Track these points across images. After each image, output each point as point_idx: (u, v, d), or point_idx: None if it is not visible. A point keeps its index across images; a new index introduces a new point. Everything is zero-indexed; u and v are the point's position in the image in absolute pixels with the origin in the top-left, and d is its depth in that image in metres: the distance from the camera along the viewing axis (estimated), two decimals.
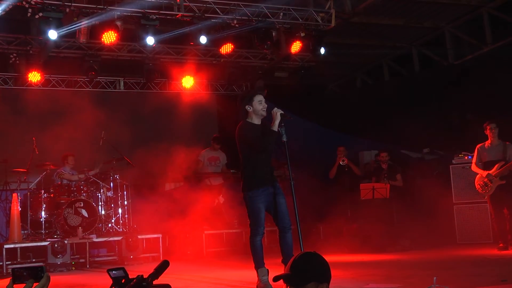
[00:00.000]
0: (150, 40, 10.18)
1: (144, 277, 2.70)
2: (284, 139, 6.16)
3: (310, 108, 12.23)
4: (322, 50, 11.35)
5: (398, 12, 12.02)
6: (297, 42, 11.17)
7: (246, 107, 6.38)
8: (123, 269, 2.73)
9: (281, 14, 10.96)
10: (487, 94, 10.86)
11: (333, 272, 2.91)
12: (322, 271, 2.85)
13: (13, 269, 2.45)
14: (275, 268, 5.38)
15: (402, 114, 11.97)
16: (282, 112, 6.16)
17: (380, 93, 13.89)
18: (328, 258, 2.98)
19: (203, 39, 10.41)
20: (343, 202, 11.18)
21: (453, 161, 10.88)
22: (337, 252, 9.63)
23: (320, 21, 11.27)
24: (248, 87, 14.29)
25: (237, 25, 10.69)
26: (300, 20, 11.10)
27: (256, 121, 6.37)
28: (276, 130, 6.13)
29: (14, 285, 2.43)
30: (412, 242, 10.45)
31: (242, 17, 10.67)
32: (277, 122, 6.13)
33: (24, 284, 2.43)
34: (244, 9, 10.60)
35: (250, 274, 8.01)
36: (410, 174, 11.56)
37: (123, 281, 2.69)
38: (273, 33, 11.03)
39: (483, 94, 10.91)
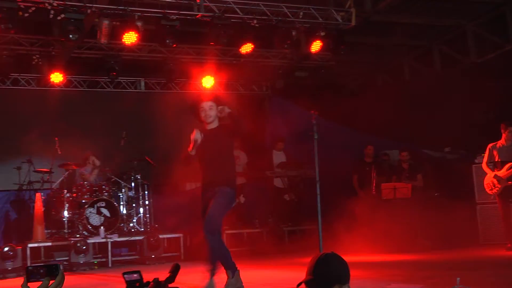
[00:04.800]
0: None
1: (160, 280, 2.71)
2: (316, 137, 6.13)
3: (330, 107, 12.14)
4: (342, 50, 11.29)
5: (419, 10, 11.92)
6: (317, 41, 11.13)
7: None
8: (138, 272, 2.73)
9: (301, 13, 10.93)
10: (510, 93, 10.73)
11: (354, 272, 2.89)
12: (343, 272, 2.84)
13: (27, 267, 2.46)
14: (297, 268, 5.37)
15: (423, 113, 11.87)
16: (199, 134, 6.11)
17: (400, 92, 13.78)
18: (348, 258, 2.96)
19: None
20: (364, 202, 11.12)
21: (476, 160, 10.76)
22: (357, 252, 9.58)
23: (340, 20, 11.22)
24: (268, 87, 14.30)
25: (257, 25, 10.69)
26: (320, 19, 11.06)
27: (208, 126, 6.34)
28: (192, 153, 6.11)
29: (29, 284, 2.45)
30: (434, 242, 10.35)
31: (262, 17, 10.67)
32: (194, 146, 6.09)
33: (39, 283, 2.44)
34: (264, 9, 10.60)
35: (270, 275, 8.00)
36: (432, 173, 11.46)
37: (137, 285, 2.69)
38: (293, 33, 11.01)
39: (505, 93, 10.78)
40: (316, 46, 11.18)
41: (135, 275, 2.71)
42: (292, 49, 11.47)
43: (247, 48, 11.15)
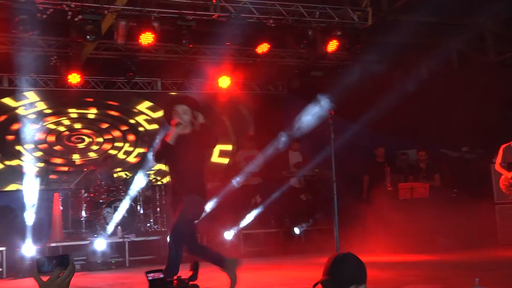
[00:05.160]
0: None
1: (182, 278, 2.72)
2: (332, 136, 6.06)
3: (347, 107, 12.09)
4: (359, 49, 11.25)
5: (437, 8, 11.82)
6: (334, 41, 11.10)
7: None
8: (161, 271, 2.74)
9: (317, 13, 10.91)
10: None
11: (371, 272, 2.88)
12: (359, 272, 2.82)
13: (37, 259, 2.46)
14: (313, 268, 5.35)
15: (440, 112, 11.78)
16: (181, 122, 5.79)
17: (417, 92, 13.69)
18: (365, 258, 2.95)
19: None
20: (381, 202, 11.06)
21: (493, 160, 10.66)
22: (374, 252, 9.53)
23: (357, 20, 11.18)
24: (284, 87, 14.29)
25: (273, 25, 10.69)
26: (336, 18, 11.03)
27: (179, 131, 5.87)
28: (172, 142, 5.76)
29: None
30: (452, 242, 10.27)
31: (278, 17, 10.66)
32: (173, 134, 5.77)
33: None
34: (280, 9, 10.59)
35: (287, 275, 8.00)
36: (450, 173, 11.37)
37: (159, 283, 2.71)
38: (309, 32, 10.98)
39: None
40: (332, 45, 11.15)
41: (158, 273, 2.72)
42: (308, 48, 11.44)
43: (263, 48, 11.15)
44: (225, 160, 13.76)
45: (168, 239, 5.85)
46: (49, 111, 12.74)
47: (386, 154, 11.97)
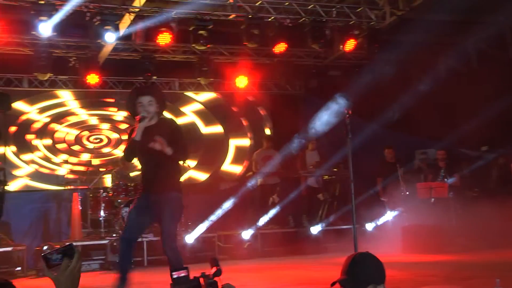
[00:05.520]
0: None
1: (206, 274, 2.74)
2: (349, 136, 6.01)
3: (365, 106, 12.04)
4: (376, 48, 11.20)
5: (455, 7, 11.72)
6: (351, 40, 11.07)
7: None
8: (186, 268, 2.76)
9: (335, 12, 10.88)
10: None
11: (390, 273, 2.86)
12: (378, 272, 2.81)
13: (43, 255, 2.48)
14: (331, 268, 5.34)
15: (460, 112, 11.68)
16: (145, 115, 5.47)
17: (436, 91, 13.60)
18: (384, 258, 2.93)
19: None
20: (397, 201, 11.01)
21: None
22: (393, 252, 9.49)
23: (374, 19, 11.13)
24: (301, 86, 14.27)
25: (290, 24, 10.68)
26: (354, 18, 10.99)
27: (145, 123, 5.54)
28: (138, 138, 5.44)
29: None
30: (472, 242, 10.18)
31: (295, 16, 10.65)
32: (138, 130, 5.46)
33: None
34: (297, 8, 10.58)
35: (304, 275, 7.99)
36: (469, 172, 11.28)
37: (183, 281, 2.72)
38: (327, 32, 10.96)
39: None
40: (349, 45, 11.12)
41: (183, 271, 2.74)
42: (325, 48, 11.42)
43: (280, 47, 11.14)
44: (238, 168, 13.79)
45: (164, 246, 5.52)
46: (69, 111, 12.85)
47: (396, 155, 11.88)
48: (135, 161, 5.85)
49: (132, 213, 5.68)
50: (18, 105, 12.28)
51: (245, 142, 13.91)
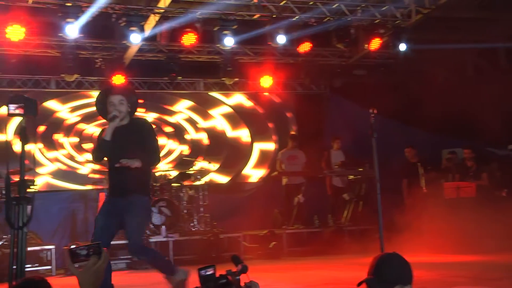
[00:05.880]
0: (228, 41, 10.31)
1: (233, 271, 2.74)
2: (375, 135, 5.94)
3: (390, 106, 11.96)
4: (403, 47, 11.12)
5: (482, 5, 11.59)
6: (376, 39, 10.99)
7: None
8: (213, 266, 2.76)
9: (359, 11, 10.82)
10: None
11: (417, 273, 2.84)
12: (405, 272, 2.79)
13: (70, 248, 2.49)
14: (357, 268, 5.30)
15: (487, 110, 11.53)
16: (116, 114, 5.25)
17: (463, 89, 13.45)
18: (410, 258, 2.90)
19: (280, 39, 10.42)
20: (424, 201, 10.89)
21: None
22: (419, 252, 9.39)
23: (400, 17, 11.04)
24: (326, 86, 14.22)
25: (314, 24, 10.65)
26: (379, 16, 10.91)
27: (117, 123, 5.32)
28: (108, 138, 5.23)
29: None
30: (500, 242, 10.02)
31: (320, 15, 10.61)
32: (108, 129, 5.26)
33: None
34: (322, 7, 10.54)
35: (330, 275, 7.96)
36: (498, 172, 11.12)
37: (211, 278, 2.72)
38: (351, 31, 10.90)
39: None
40: (375, 44, 11.04)
41: (210, 269, 2.74)
42: (350, 47, 11.36)
43: (305, 47, 11.12)
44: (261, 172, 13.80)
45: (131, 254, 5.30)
46: (95, 112, 12.97)
47: (418, 154, 11.77)
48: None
49: (98, 219, 5.37)
50: (51, 104, 12.46)
51: (270, 146, 13.90)
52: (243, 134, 13.81)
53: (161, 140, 13.07)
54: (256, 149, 13.82)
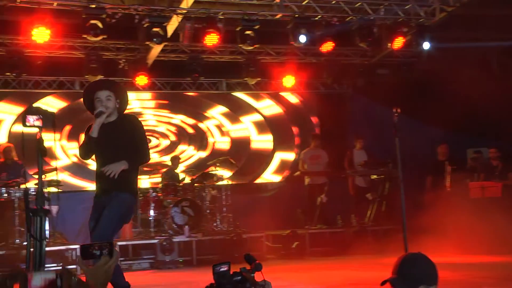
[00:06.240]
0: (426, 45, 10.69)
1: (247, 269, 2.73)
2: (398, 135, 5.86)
3: (414, 105, 11.87)
4: (426, 45, 11.03)
5: (506, 1, 11.42)
6: (400, 37, 10.92)
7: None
8: (228, 263, 2.76)
9: (382, 9, 10.75)
10: None
11: (442, 274, 2.81)
12: (430, 273, 2.76)
13: (81, 245, 2.48)
14: (380, 268, 5.27)
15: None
16: (102, 110, 5.08)
17: (488, 87, 13.29)
18: (435, 258, 2.88)
19: (303, 38, 10.40)
20: (448, 201, 10.78)
21: None
22: (444, 252, 9.29)
23: (423, 15, 10.95)
24: (349, 85, 14.16)
25: (337, 23, 10.60)
26: (402, 15, 10.83)
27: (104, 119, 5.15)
28: (95, 135, 5.06)
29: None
30: None
31: (342, 14, 10.57)
32: (95, 126, 5.08)
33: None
34: (344, 6, 10.50)
35: (354, 275, 7.92)
36: None
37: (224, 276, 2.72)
38: (374, 30, 10.83)
39: None
40: (398, 42, 10.97)
41: (224, 266, 2.74)
42: (373, 46, 11.30)
43: (327, 46, 11.08)
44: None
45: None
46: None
47: (449, 152, 11.65)
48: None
49: (90, 225, 5.23)
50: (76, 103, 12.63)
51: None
52: (267, 140, 13.86)
53: (182, 147, 13.18)
54: (277, 158, 13.85)
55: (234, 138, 13.65)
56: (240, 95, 13.86)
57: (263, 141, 13.87)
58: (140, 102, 13.36)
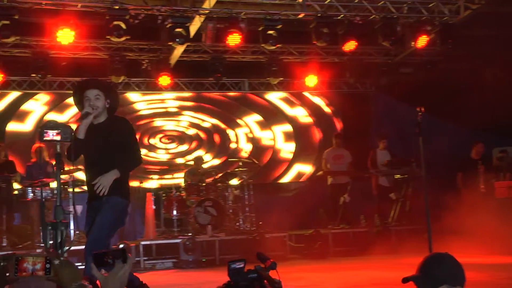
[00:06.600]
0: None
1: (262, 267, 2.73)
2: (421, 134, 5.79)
3: (438, 104, 11.76)
4: (450, 44, 10.91)
5: None
6: (423, 36, 10.82)
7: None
8: (243, 260, 2.75)
9: (406, 8, 10.67)
10: None
11: (468, 274, 2.77)
12: (455, 274, 2.73)
13: (95, 253, 2.47)
14: (404, 268, 5.22)
15: None
16: (89, 111, 4.88)
17: None
18: (460, 259, 2.84)
19: (325, 38, 10.33)
20: (475, 200, 10.66)
21: None
22: (469, 253, 9.17)
23: (447, 13, 10.84)
24: (372, 84, 14.09)
25: (360, 22, 10.55)
26: (426, 13, 10.73)
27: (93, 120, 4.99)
28: (81, 137, 4.83)
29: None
30: None
31: (365, 13, 10.52)
32: (81, 127, 4.87)
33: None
34: (367, 5, 10.44)
35: (377, 275, 7.87)
36: None
37: (237, 272, 2.72)
38: (398, 28, 10.75)
39: None
40: (422, 41, 10.87)
41: (240, 263, 2.73)
42: (396, 45, 11.21)
43: (350, 46, 11.02)
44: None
45: (85, 254, 4.78)
46: (143, 112, 13.20)
47: (484, 152, 11.54)
48: None
49: (86, 229, 5.11)
50: None
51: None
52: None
53: (198, 151, 13.22)
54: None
55: (257, 144, 13.66)
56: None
57: (286, 151, 13.92)
58: (177, 102, 13.49)
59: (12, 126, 12.30)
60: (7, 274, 2.37)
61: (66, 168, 9.54)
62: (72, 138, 4.49)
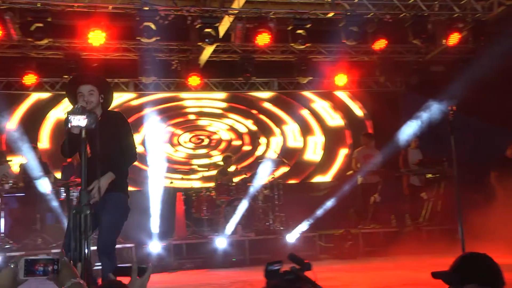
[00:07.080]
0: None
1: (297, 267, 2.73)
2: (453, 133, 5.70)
3: (470, 102, 11.57)
4: (483, 41, 10.74)
5: None
6: (455, 33, 10.68)
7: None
8: (280, 262, 2.75)
9: (437, 5, 10.53)
10: None
11: (506, 275, 2.73)
12: (488, 275, 2.67)
13: (117, 266, 2.58)
14: (436, 269, 5.16)
15: None
16: (83, 105, 4.49)
17: None
18: (495, 260, 2.80)
19: (355, 37, 10.27)
20: (510, 200, 10.48)
21: None
22: (502, 253, 9.01)
23: (480, 10, 10.67)
24: (402, 83, 13.95)
25: (390, 20, 10.46)
26: (458, 10, 10.59)
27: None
28: (76, 131, 4.42)
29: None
30: None
31: (395, 11, 10.42)
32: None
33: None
34: (397, 3, 10.34)
35: (408, 275, 7.80)
36: None
37: (273, 273, 2.72)
38: (429, 26, 10.63)
39: None
40: (453, 38, 10.74)
41: (277, 264, 2.74)
42: (427, 43, 11.08)
43: (380, 44, 10.93)
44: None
45: (99, 256, 4.77)
46: (171, 113, 13.28)
47: None
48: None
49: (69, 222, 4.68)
50: (135, 102, 12.93)
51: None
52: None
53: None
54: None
55: (286, 147, 13.66)
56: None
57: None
58: (212, 102, 13.59)
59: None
60: (18, 276, 2.41)
61: None
62: (66, 133, 4.46)
